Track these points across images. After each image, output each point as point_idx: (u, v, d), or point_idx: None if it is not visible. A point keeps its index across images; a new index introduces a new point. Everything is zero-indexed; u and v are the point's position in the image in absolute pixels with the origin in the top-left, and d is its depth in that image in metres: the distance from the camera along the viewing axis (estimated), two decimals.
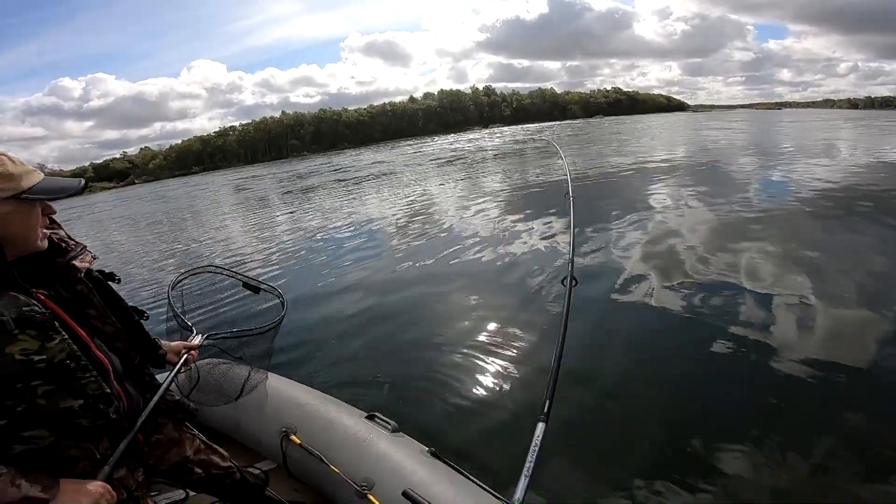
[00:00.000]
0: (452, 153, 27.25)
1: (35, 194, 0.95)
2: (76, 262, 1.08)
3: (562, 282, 1.81)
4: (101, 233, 15.73)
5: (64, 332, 0.99)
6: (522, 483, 1.14)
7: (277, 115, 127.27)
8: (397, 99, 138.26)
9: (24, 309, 0.92)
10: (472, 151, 26.85)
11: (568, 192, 2.51)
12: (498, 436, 2.43)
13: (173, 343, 1.33)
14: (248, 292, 2.04)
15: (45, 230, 1.04)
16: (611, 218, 6.77)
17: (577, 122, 78.81)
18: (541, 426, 1.24)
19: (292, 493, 1.87)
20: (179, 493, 1.68)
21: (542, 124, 74.14)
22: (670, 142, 21.09)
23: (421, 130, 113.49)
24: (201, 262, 7.65)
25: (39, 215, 1.01)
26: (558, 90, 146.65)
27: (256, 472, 1.78)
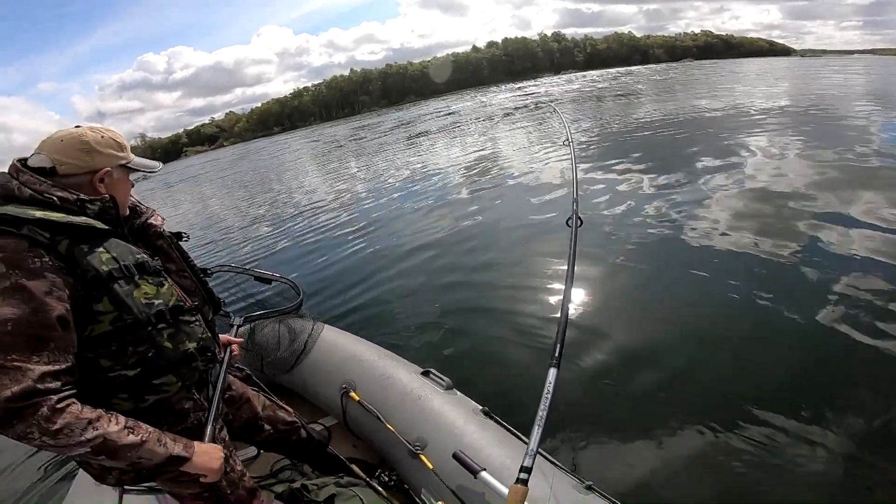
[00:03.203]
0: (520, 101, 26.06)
1: (135, 167, 1.08)
2: (152, 221, 1.15)
3: (566, 222, 1.72)
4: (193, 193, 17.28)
5: (169, 279, 1.08)
6: (536, 431, 1.11)
7: (346, 73, 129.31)
8: (459, 49, 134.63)
9: (137, 256, 1.01)
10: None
11: (568, 137, 2.48)
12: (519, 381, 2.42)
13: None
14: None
15: None
16: (680, 162, 6.24)
17: (661, 66, 70.90)
18: (552, 371, 1.20)
19: (351, 450, 1.91)
20: (252, 451, 1.76)
21: (624, 69, 67.43)
22: (775, 86, 18.33)
23: (487, 79, 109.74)
24: (280, 216, 8.15)
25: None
26: (637, 34, 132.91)
27: (320, 427, 1.85)
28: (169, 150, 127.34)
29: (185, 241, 1.26)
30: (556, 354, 1.25)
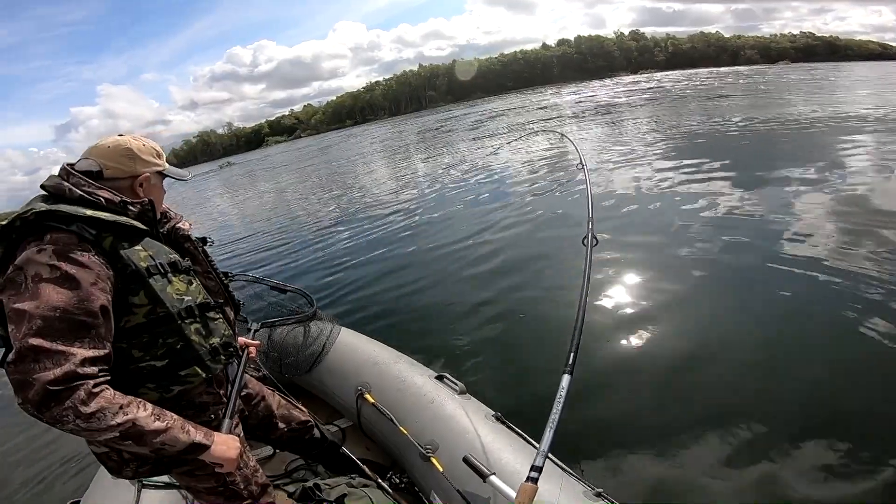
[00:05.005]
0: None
1: (168, 174, 1.17)
2: (180, 226, 1.23)
3: (582, 241, 1.75)
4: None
5: (196, 278, 1.16)
6: (548, 434, 1.15)
7: (415, 68, 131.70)
8: (528, 47, 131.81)
9: (170, 256, 1.09)
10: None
11: (581, 162, 2.51)
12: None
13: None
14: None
15: None
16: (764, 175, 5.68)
17: (754, 68, 64.74)
18: (566, 377, 1.25)
19: (364, 452, 1.95)
20: (267, 450, 1.86)
21: (713, 69, 62.38)
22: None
23: (557, 78, 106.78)
24: (324, 214, 8.57)
25: None
26: (725, 35, 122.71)
27: (334, 429, 1.90)
28: (251, 140, 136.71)
29: (210, 245, 1.34)
30: (570, 361, 1.31)
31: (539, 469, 1.09)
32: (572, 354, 1.33)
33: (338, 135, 65.59)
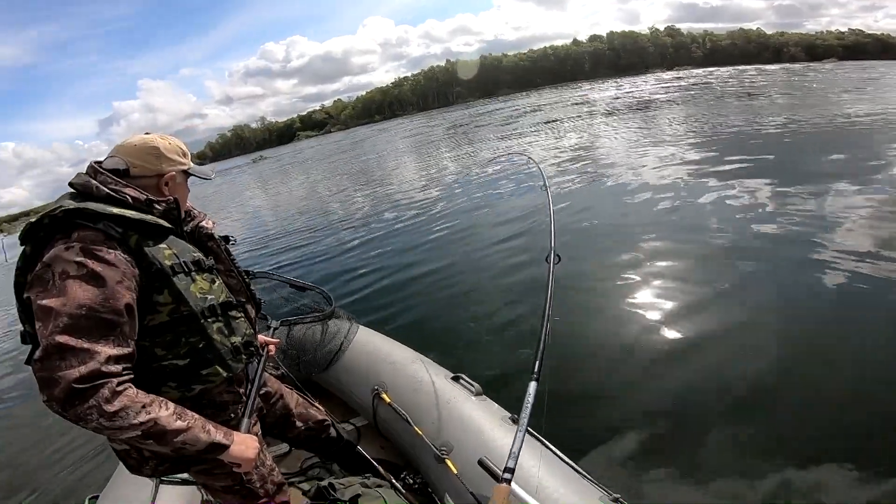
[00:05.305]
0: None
1: (193, 173, 1.17)
2: (204, 224, 1.24)
3: (545, 259, 1.77)
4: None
5: (219, 277, 1.17)
6: (519, 437, 1.20)
7: (442, 63, 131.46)
8: (558, 42, 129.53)
9: (193, 254, 1.10)
10: None
11: (545, 184, 2.57)
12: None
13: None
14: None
15: None
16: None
17: (802, 65, 61.62)
18: (532, 385, 1.33)
19: (379, 451, 1.95)
20: (283, 447, 1.87)
21: (760, 67, 59.67)
22: None
23: (588, 74, 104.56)
24: (347, 213, 8.65)
25: None
26: (768, 31, 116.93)
27: (350, 428, 1.90)
28: (283, 134, 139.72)
29: (233, 244, 1.34)
30: (536, 370, 1.37)
31: (511, 470, 1.16)
32: (538, 363, 1.38)
33: (367, 129, 66.37)
